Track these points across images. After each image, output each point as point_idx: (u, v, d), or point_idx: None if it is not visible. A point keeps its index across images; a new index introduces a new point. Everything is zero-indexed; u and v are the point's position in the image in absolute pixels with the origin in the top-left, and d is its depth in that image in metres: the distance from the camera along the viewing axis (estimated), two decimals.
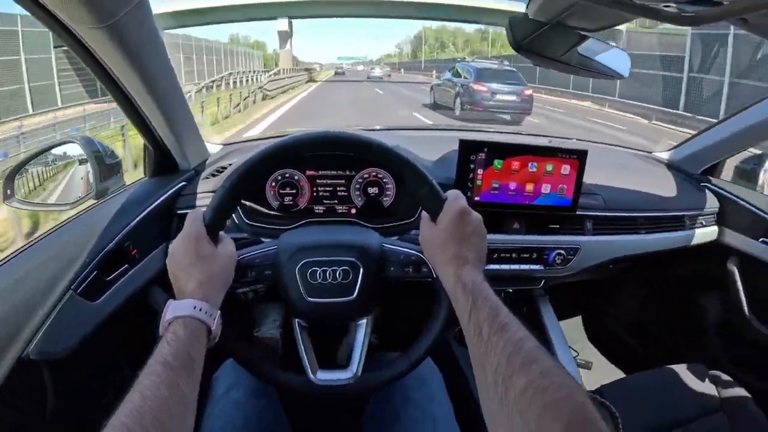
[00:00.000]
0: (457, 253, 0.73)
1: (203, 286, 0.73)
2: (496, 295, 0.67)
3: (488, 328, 0.59)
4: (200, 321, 0.70)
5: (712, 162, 1.55)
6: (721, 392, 1.30)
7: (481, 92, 10.62)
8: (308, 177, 1.19)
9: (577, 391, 0.48)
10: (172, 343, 0.64)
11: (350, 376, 0.87)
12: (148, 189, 1.18)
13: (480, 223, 0.78)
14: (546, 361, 0.52)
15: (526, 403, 0.48)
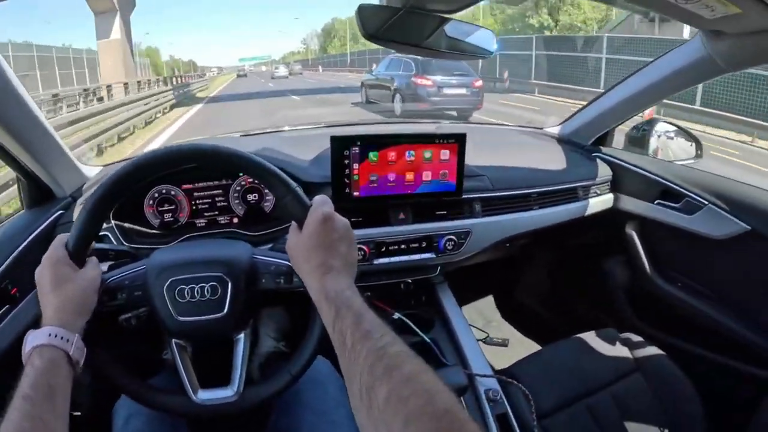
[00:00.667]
0: (322, 261, 0.71)
1: (59, 311, 0.72)
2: (395, 287, 0.65)
3: (351, 337, 0.58)
4: (57, 348, 0.68)
5: (600, 132, 1.59)
6: (635, 353, 1.32)
7: (425, 86, 9.20)
8: (185, 191, 1.17)
9: (441, 395, 0.47)
10: (30, 375, 0.64)
11: (232, 394, 0.85)
12: (25, 222, 1.13)
13: (346, 229, 0.76)
14: (409, 366, 0.51)
15: (390, 414, 0.47)
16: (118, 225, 1.13)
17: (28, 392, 0.61)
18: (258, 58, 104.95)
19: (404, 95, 9.64)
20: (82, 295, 0.76)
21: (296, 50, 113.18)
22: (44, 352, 0.67)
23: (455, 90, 9.30)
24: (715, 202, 1.32)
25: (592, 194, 1.48)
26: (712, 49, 1.10)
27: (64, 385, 0.66)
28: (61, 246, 0.77)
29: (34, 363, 0.65)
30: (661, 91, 1.39)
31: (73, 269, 0.76)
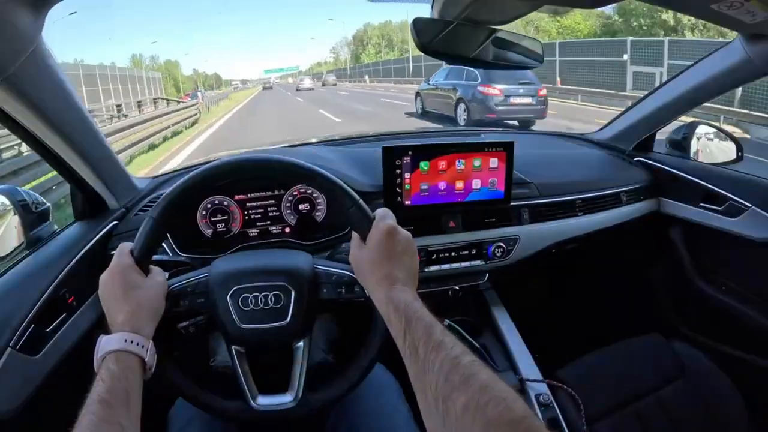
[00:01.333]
0: (387, 273, 0.72)
1: (132, 317, 0.73)
2: (443, 294, 0.66)
3: (424, 348, 0.59)
4: (132, 353, 0.69)
5: (642, 137, 1.59)
6: (681, 359, 1.32)
7: (493, 95, 8.94)
8: (237, 201, 1.19)
9: (517, 403, 0.48)
10: (106, 380, 0.64)
11: (291, 400, 0.87)
12: (79, 233, 1.16)
13: (410, 241, 0.77)
14: (483, 375, 0.52)
15: (469, 421, 0.48)
16: (173, 236, 1.16)
17: (105, 396, 0.61)
18: (284, 70, 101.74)
19: (469, 104, 9.42)
20: (152, 301, 0.78)
21: (323, 60, 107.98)
22: (120, 357, 0.68)
23: (522, 99, 9.11)
24: (758, 204, 1.32)
25: (635, 199, 1.48)
26: (753, 52, 1.11)
27: (138, 390, 0.68)
28: (127, 254, 0.79)
29: (109, 367, 0.66)
30: (702, 95, 1.39)
31: (141, 276, 0.78)
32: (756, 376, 1.35)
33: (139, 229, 0.80)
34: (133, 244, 0.80)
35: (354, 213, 0.80)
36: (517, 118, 9.22)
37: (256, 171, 0.87)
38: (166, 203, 0.80)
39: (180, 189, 0.81)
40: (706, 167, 1.52)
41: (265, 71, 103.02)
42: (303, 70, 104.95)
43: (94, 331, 1.10)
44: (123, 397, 0.63)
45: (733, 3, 0.79)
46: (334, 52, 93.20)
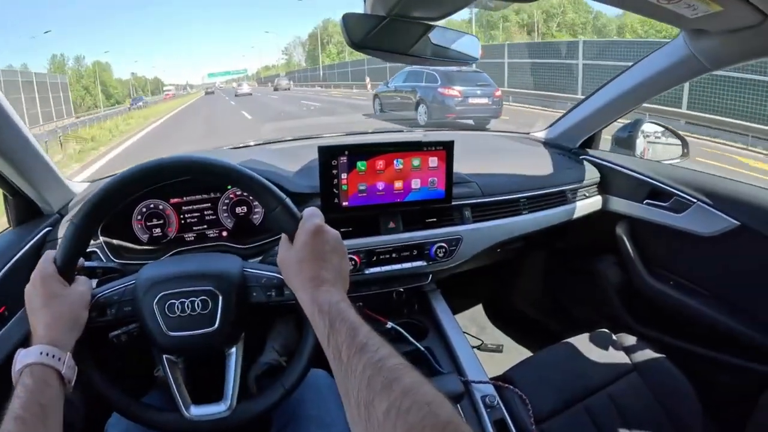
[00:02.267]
0: (314, 274, 0.70)
1: (49, 329, 0.71)
2: (387, 296, 0.64)
3: (347, 350, 0.57)
4: (48, 366, 0.67)
5: (586, 135, 1.61)
6: (630, 353, 1.32)
7: (453, 96, 9.50)
8: (173, 205, 1.16)
9: (442, 407, 0.46)
10: (21, 395, 0.62)
11: (225, 409, 0.84)
12: (12, 239, 1.12)
13: (337, 241, 0.75)
14: (407, 378, 0.50)
15: (390, 427, 0.46)
16: (106, 242, 1.12)
17: (19, 413, 0.59)
18: (230, 73, 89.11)
19: (429, 105, 9.86)
20: (73, 312, 0.75)
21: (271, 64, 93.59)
22: (35, 371, 0.65)
23: (479, 99, 9.61)
24: (703, 199, 1.34)
25: (580, 197, 1.49)
26: (695, 48, 1.11)
27: (56, 404, 0.65)
28: (50, 262, 0.76)
29: (24, 382, 0.64)
30: (646, 92, 1.41)
31: (62, 285, 0.75)
32: (706, 368, 1.36)
33: (62, 237, 0.77)
34: (55, 252, 0.76)
35: (280, 213, 0.78)
36: (475, 117, 9.63)
37: (177, 173, 0.83)
38: (87, 208, 0.77)
39: (101, 193, 0.77)
40: (652, 164, 1.54)
41: (209, 75, 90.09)
42: (250, 74, 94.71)
43: (27, 342, 1.05)
44: (37, 411, 0.61)
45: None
46: (287, 53, 79.57)
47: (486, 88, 9.71)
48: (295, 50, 75.84)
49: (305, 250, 0.72)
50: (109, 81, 54.04)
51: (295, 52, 75.96)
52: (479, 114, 9.62)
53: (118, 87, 56.42)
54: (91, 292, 0.80)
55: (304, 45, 68.63)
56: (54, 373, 0.67)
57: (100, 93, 46.40)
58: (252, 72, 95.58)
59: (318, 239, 0.72)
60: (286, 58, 79.66)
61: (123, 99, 50.71)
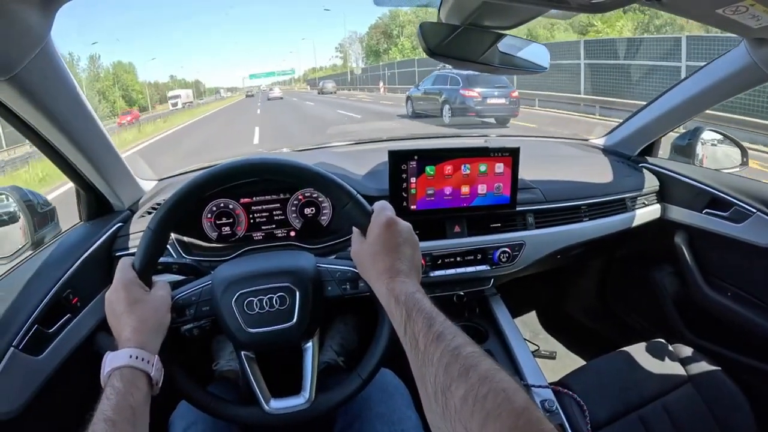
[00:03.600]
0: (388, 265, 0.72)
1: (137, 332, 0.72)
2: (448, 299, 0.66)
3: (424, 339, 0.58)
4: (138, 369, 0.69)
5: (646, 143, 1.60)
6: (686, 364, 1.32)
7: (473, 98, 10.69)
8: (243, 205, 1.20)
9: (517, 394, 0.47)
10: (111, 397, 0.63)
11: (303, 401, 0.86)
12: (84, 234, 1.16)
13: (410, 233, 0.77)
14: (483, 366, 0.51)
15: (468, 413, 0.47)
16: (177, 239, 1.16)
17: (110, 415, 0.60)
18: (275, 74, 78.70)
19: (452, 106, 11.08)
20: (157, 315, 0.77)
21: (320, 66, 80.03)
22: (125, 374, 0.67)
23: (497, 100, 10.71)
24: (762, 209, 1.32)
25: (640, 205, 1.48)
26: (757, 57, 1.11)
27: (144, 406, 0.67)
28: (129, 268, 0.78)
29: (114, 385, 0.65)
30: (706, 100, 1.39)
31: (144, 291, 0.77)
32: (762, 382, 1.35)
33: (139, 242, 0.79)
34: (133, 258, 0.79)
35: (351, 208, 0.80)
36: (493, 115, 10.82)
37: (249, 174, 0.86)
38: (162, 213, 0.80)
39: (175, 199, 0.80)
40: (711, 172, 1.52)
41: (250, 76, 79.95)
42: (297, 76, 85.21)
43: (97, 332, 1.10)
44: (128, 414, 0.62)
45: (738, 7, 0.80)
46: (341, 51, 65.97)
47: (503, 90, 10.81)
48: (352, 47, 62.69)
49: (379, 242, 0.74)
50: (132, 84, 47.05)
51: (351, 49, 62.86)
52: (497, 113, 10.75)
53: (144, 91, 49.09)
54: (170, 294, 0.83)
55: (361, 41, 56.94)
56: (143, 375, 0.69)
57: (119, 99, 40.56)
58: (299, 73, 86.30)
59: (391, 231, 0.74)
60: (341, 56, 66.89)
61: (148, 105, 45.48)
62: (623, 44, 12.30)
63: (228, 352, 1.32)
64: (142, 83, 50.26)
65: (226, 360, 1.31)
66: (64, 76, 0.91)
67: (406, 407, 1.03)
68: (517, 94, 11.04)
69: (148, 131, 19.61)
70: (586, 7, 0.92)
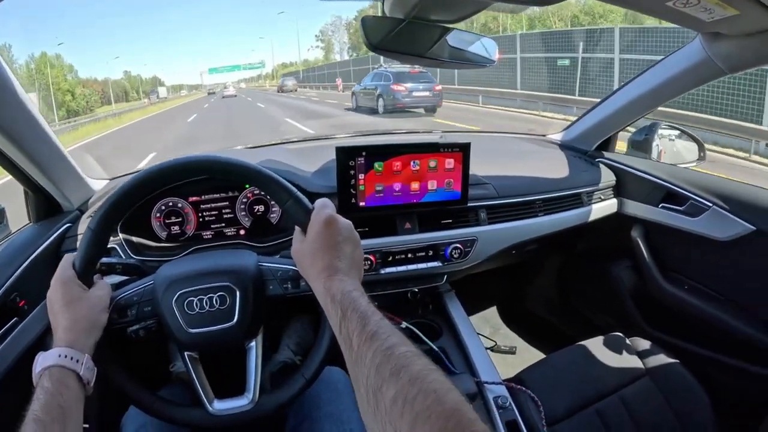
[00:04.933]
0: (327, 263, 0.71)
1: (68, 331, 0.72)
2: (401, 296, 0.65)
3: (357, 338, 0.57)
4: (67, 369, 0.68)
5: (603, 138, 1.61)
6: (643, 357, 1.32)
7: (400, 91, 12.78)
8: (191, 203, 1.19)
9: (449, 395, 0.46)
10: (41, 397, 0.62)
11: (247, 402, 0.85)
12: (33, 235, 1.14)
13: (350, 230, 0.76)
14: (416, 366, 0.50)
15: (397, 415, 0.46)
16: (126, 239, 1.14)
17: (39, 415, 0.60)
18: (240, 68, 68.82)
19: (385, 98, 13.23)
20: (92, 315, 0.76)
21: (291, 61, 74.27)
22: (54, 373, 0.66)
23: (422, 93, 12.93)
24: (718, 203, 1.33)
25: (596, 199, 1.49)
26: (712, 52, 1.11)
27: (75, 405, 0.66)
28: (69, 267, 0.77)
29: (44, 385, 0.65)
30: (662, 95, 1.41)
31: (81, 289, 0.77)
32: (719, 374, 1.36)
33: (79, 242, 0.79)
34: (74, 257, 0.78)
35: (291, 205, 0.80)
36: (420, 106, 13.13)
37: (193, 172, 0.86)
38: (102, 213, 0.79)
39: (115, 198, 0.79)
40: (667, 167, 1.53)
41: (209, 71, 67.28)
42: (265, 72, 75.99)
43: (48, 335, 1.08)
44: (57, 414, 0.62)
45: (688, 0, 0.80)
46: (323, 39, 57.96)
47: (427, 84, 13.05)
48: (336, 34, 55.86)
49: (318, 240, 0.73)
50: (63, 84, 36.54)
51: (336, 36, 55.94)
52: (422, 104, 13.09)
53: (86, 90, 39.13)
54: (111, 294, 0.82)
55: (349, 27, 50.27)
56: (73, 374, 0.68)
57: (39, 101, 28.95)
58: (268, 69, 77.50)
59: (330, 229, 0.73)
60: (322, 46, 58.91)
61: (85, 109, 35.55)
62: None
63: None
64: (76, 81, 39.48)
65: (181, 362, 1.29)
66: (3, 75, 0.90)
67: (355, 407, 1.02)
68: (440, 88, 13.30)
69: None
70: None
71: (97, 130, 19.43)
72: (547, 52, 13.10)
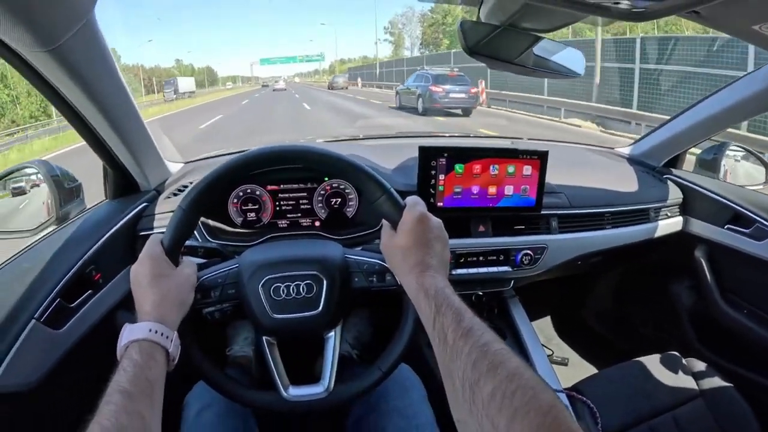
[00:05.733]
0: (418, 260, 0.72)
1: (158, 307, 0.73)
2: (467, 298, 0.66)
3: (453, 334, 0.58)
4: (156, 343, 0.69)
5: (672, 154, 1.58)
6: (698, 379, 1.32)
7: (438, 92, 13.45)
8: (270, 192, 1.20)
9: (545, 392, 0.47)
10: (128, 369, 0.63)
11: (322, 390, 0.86)
12: (109, 211, 1.17)
13: (441, 228, 0.77)
14: (512, 363, 0.51)
15: (495, 409, 0.47)
16: (203, 222, 1.16)
17: (126, 387, 0.60)
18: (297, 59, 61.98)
19: (424, 98, 13.91)
20: (180, 292, 0.77)
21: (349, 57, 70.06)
22: (144, 347, 0.67)
23: (458, 95, 13.54)
24: None
25: (662, 216, 1.47)
26: None
27: (161, 381, 0.66)
28: (158, 243, 0.78)
29: (132, 357, 0.65)
30: (736, 116, 1.39)
31: (170, 267, 0.77)
32: None
33: (169, 220, 0.79)
34: (163, 235, 0.79)
35: (384, 201, 0.80)
36: (455, 107, 13.71)
37: (284, 161, 0.86)
38: (195, 194, 0.80)
39: (209, 180, 0.80)
40: (735, 188, 1.51)
41: (261, 61, 62.70)
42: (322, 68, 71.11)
43: (118, 309, 1.11)
44: (145, 387, 0.62)
45: None
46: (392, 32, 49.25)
47: (464, 87, 13.68)
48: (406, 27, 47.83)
49: (410, 236, 0.74)
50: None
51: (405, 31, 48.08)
52: (458, 105, 13.66)
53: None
54: (197, 274, 0.83)
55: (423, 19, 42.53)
56: (161, 350, 0.69)
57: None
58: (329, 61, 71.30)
59: (423, 226, 0.74)
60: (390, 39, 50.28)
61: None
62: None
63: (242, 338, 1.33)
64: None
65: (240, 346, 1.32)
66: (104, 53, 0.91)
67: (421, 402, 1.03)
68: (476, 91, 13.96)
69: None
70: (627, 15, 0.91)
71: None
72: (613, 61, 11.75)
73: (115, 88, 0.99)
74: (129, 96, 1.05)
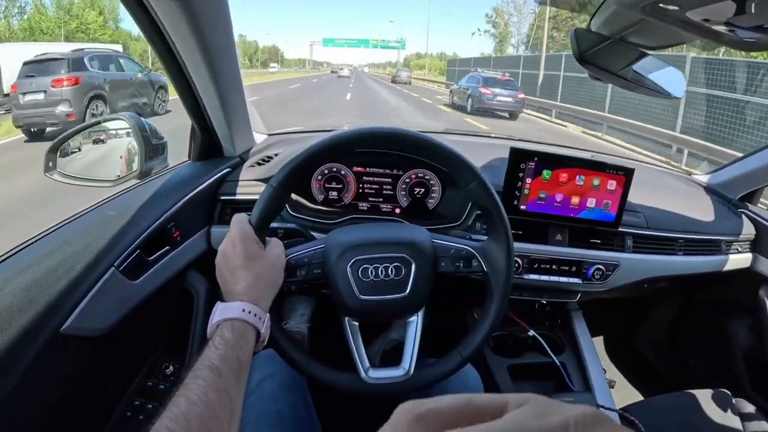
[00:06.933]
0: None
1: (251, 288, 0.73)
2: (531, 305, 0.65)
3: None
4: (249, 324, 0.69)
5: (750, 189, 1.54)
6: (745, 421, 1.29)
7: (486, 94, 14.43)
8: (355, 173, 1.20)
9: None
10: (219, 347, 0.63)
11: (403, 374, 0.86)
12: (193, 172, 1.18)
13: None
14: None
15: None
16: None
17: (216, 364, 0.60)
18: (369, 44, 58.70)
19: (473, 99, 15.08)
20: (272, 273, 0.78)
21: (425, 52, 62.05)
22: (237, 327, 0.67)
23: (505, 98, 14.41)
24: None
25: (732, 250, 1.44)
26: None
27: (249, 361, 0.67)
28: (246, 223, 0.78)
29: (224, 335, 0.65)
30: None
31: (260, 247, 0.77)
32: None
33: (259, 198, 0.79)
34: (249, 214, 0.79)
35: (475, 187, 0.84)
36: (501, 110, 14.74)
37: (378, 143, 0.87)
38: (288, 171, 0.80)
39: (302, 159, 0.80)
40: None
41: (324, 42, 60.78)
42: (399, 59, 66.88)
43: (190, 268, 1.12)
44: (235, 366, 0.63)
45: None
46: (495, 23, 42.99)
47: (511, 91, 14.57)
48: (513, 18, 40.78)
49: None
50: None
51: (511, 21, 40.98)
52: (505, 108, 14.60)
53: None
54: (285, 253, 0.83)
55: (539, 15, 34.77)
56: (253, 331, 0.69)
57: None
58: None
59: None
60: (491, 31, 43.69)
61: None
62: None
63: (299, 314, 1.33)
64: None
65: (296, 322, 1.32)
66: (225, 9, 0.90)
67: None
68: (523, 96, 14.74)
69: None
70: (736, 43, 0.89)
71: None
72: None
73: (228, 51, 0.99)
74: (236, 60, 1.05)
